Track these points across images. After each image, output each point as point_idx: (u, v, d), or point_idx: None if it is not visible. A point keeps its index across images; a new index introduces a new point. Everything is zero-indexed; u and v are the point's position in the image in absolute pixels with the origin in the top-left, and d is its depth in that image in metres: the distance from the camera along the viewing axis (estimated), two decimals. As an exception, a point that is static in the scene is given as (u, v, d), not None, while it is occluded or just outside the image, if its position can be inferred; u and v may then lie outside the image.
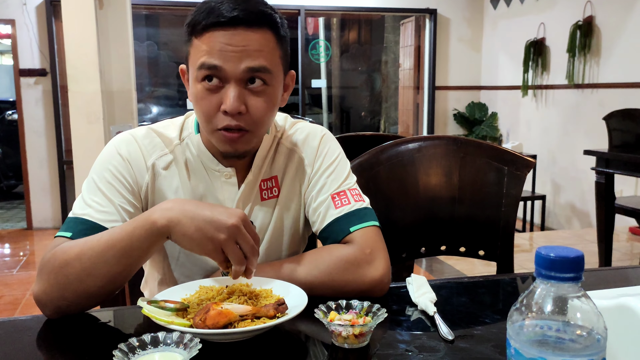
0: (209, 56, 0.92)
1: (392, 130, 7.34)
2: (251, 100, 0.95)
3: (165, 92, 6.68)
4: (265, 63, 0.94)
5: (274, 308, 0.82)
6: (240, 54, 0.92)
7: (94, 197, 0.98)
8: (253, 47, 0.93)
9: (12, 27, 5.14)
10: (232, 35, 0.92)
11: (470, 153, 1.47)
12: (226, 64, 0.92)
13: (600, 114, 3.73)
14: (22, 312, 3.28)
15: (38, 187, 5.33)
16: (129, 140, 1.04)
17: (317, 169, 1.10)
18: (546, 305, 0.51)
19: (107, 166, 1.01)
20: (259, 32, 0.93)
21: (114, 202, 0.97)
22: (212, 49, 0.92)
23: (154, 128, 1.07)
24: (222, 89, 0.94)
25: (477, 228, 1.46)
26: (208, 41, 0.92)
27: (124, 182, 1.00)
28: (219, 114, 0.95)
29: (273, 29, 0.96)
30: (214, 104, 0.95)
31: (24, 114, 5.23)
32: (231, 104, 0.93)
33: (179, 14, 6.23)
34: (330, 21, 7.50)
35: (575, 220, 4.97)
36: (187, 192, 1.05)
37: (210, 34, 0.92)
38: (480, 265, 3.68)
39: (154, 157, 1.04)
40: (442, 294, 1.01)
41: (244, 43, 0.92)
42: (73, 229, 0.94)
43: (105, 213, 0.96)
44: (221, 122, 0.95)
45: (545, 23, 5.22)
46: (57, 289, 0.87)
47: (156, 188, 1.04)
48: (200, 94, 0.95)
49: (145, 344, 0.70)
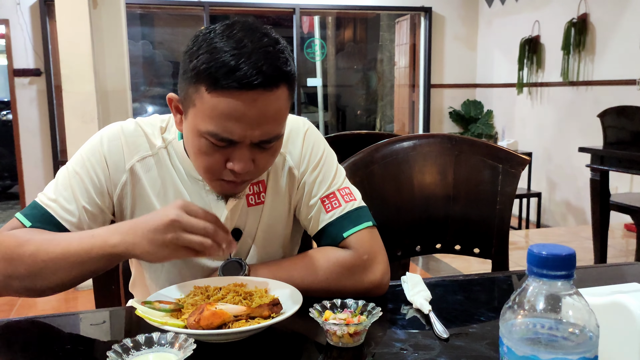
0: (221, 125, 0.84)
1: (388, 129, 7.35)
2: (259, 155, 0.90)
3: (160, 91, 6.67)
4: (279, 131, 0.90)
5: (268, 308, 0.82)
6: (257, 121, 0.85)
7: (64, 191, 0.97)
8: (270, 113, 0.86)
9: (6, 27, 5.12)
10: (249, 102, 0.83)
11: (464, 151, 1.47)
12: (239, 134, 0.85)
13: (595, 111, 3.75)
14: (17, 313, 3.27)
15: (33, 188, 5.31)
16: (115, 136, 1.00)
17: (303, 172, 1.06)
18: (538, 303, 0.51)
19: (84, 162, 0.99)
20: (276, 93, 0.85)
21: (78, 202, 0.96)
22: (225, 115, 0.84)
23: (142, 125, 1.03)
24: (229, 146, 0.88)
25: (472, 226, 1.47)
26: (221, 103, 0.83)
27: (96, 182, 0.98)
28: (224, 169, 0.90)
29: (288, 83, 0.88)
30: (220, 160, 0.89)
31: (18, 114, 5.21)
32: (241, 167, 0.88)
33: (174, 12, 6.22)
34: (326, 19, 7.50)
35: (571, 217, 4.99)
36: (171, 196, 1.01)
37: (227, 94, 0.82)
38: (476, 263, 3.68)
39: (135, 159, 1.00)
40: (437, 292, 1.01)
41: (261, 111, 0.85)
42: (34, 218, 0.94)
43: (67, 212, 0.95)
44: (226, 176, 0.91)
45: (539, 21, 5.23)
46: (2, 274, 0.88)
47: (137, 192, 1.00)
48: (204, 149, 0.88)
49: (140, 345, 0.70)
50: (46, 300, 3.52)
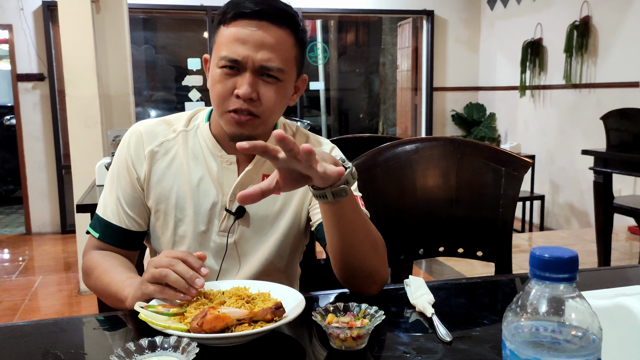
0: (230, 47, 1.01)
1: (391, 132, 7.34)
2: (263, 89, 1.03)
3: (163, 95, 6.68)
4: (279, 64, 1.02)
5: (271, 312, 0.82)
6: (258, 47, 1.00)
7: (108, 192, 1.15)
8: (271, 41, 1.01)
9: (10, 32, 5.14)
10: (254, 27, 1.01)
11: (467, 154, 1.47)
12: (244, 55, 1.00)
13: (598, 113, 3.74)
14: (21, 317, 3.28)
15: (36, 192, 5.32)
16: (135, 129, 1.15)
17: None
18: (541, 306, 0.51)
19: (116, 159, 1.15)
20: (279, 30, 1.02)
21: (117, 198, 1.13)
22: (234, 37, 1.01)
23: (165, 118, 1.18)
24: (238, 75, 1.02)
25: (475, 229, 1.46)
26: (232, 30, 1.01)
27: (126, 174, 1.13)
28: (232, 97, 1.03)
29: (293, 29, 1.04)
30: (229, 87, 1.03)
31: (22, 119, 5.23)
32: (244, 89, 1.00)
33: (176, 17, 6.23)
34: (328, 23, 7.51)
35: (574, 220, 4.98)
36: (185, 175, 1.12)
37: (236, 22, 1.01)
38: (479, 266, 3.68)
39: (153, 145, 1.13)
40: (440, 295, 1.01)
41: (263, 36, 1.01)
42: (99, 230, 1.14)
43: (114, 213, 1.13)
44: (232, 104, 1.03)
45: (542, 23, 5.23)
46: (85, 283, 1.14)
47: (152, 172, 1.12)
48: (218, 78, 1.03)
49: (143, 349, 0.70)
50: (49, 304, 3.53)
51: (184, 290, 0.85)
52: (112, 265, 1.08)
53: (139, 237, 1.16)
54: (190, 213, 1.11)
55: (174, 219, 1.12)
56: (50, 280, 3.98)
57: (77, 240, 3.57)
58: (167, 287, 0.87)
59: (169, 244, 1.14)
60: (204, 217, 1.11)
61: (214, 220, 1.12)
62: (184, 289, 0.85)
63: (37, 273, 4.15)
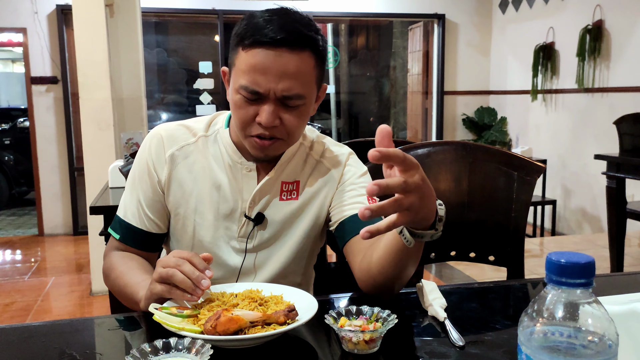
0: (250, 77, 0.99)
1: (401, 136, 7.33)
2: (285, 115, 1.02)
3: (175, 98, 6.72)
4: (300, 90, 1.01)
5: (284, 314, 0.82)
6: (279, 77, 0.98)
7: (129, 194, 1.16)
8: (292, 70, 0.99)
9: (24, 36, 5.20)
10: (274, 57, 0.98)
11: (479, 158, 1.47)
12: (266, 87, 0.99)
13: (611, 118, 3.71)
14: (33, 318, 3.31)
15: (49, 194, 5.37)
16: (155, 133, 1.15)
17: (346, 180, 1.16)
18: (557, 311, 0.51)
19: (137, 162, 1.16)
20: (300, 55, 0.99)
21: (138, 201, 1.14)
22: (254, 67, 0.98)
23: (184, 122, 1.18)
24: (259, 101, 1.01)
25: (487, 233, 1.46)
26: (251, 57, 0.98)
27: (147, 177, 1.14)
28: (254, 123, 1.03)
29: (314, 50, 1.02)
30: (251, 114, 1.02)
31: (35, 121, 5.28)
32: (266, 118, 1.00)
33: (188, 21, 6.27)
34: (339, 27, 7.52)
35: (586, 225, 4.94)
36: (205, 180, 1.12)
37: (255, 50, 0.98)
38: (490, 271, 3.65)
39: (174, 149, 1.13)
40: (453, 300, 1.01)
41: (284, 66, 0.98)
42: (120, 232, 1.15)
43: (134, 215, 1.14)
44: (255, 130, 1.03)
45: (554, 27, 5.20)
46: (105, 283, 1.16)
47: (173, 177, 1.13)
48: (239, 104, 1.03)
49: (157, 350, 0.71)
50: (62, 305, 3.55)
51: (190, 290, 0.86)
52: (129, 267, 1.09)
53: (159, 239, 1.17)
54: (210, 217, 1.12)
55: (192, 223, 1.13)
56: (63, 281, 4.02)
57: (90, 242, 3.59)
58: (174, 288, 0.88)
59: (188, 248, 1.15)
60: (223, 222, 1.12)
61: (232, 227, 1.12)
62: (190, 289, 0.86)
63: (50, 274, 4.18)
